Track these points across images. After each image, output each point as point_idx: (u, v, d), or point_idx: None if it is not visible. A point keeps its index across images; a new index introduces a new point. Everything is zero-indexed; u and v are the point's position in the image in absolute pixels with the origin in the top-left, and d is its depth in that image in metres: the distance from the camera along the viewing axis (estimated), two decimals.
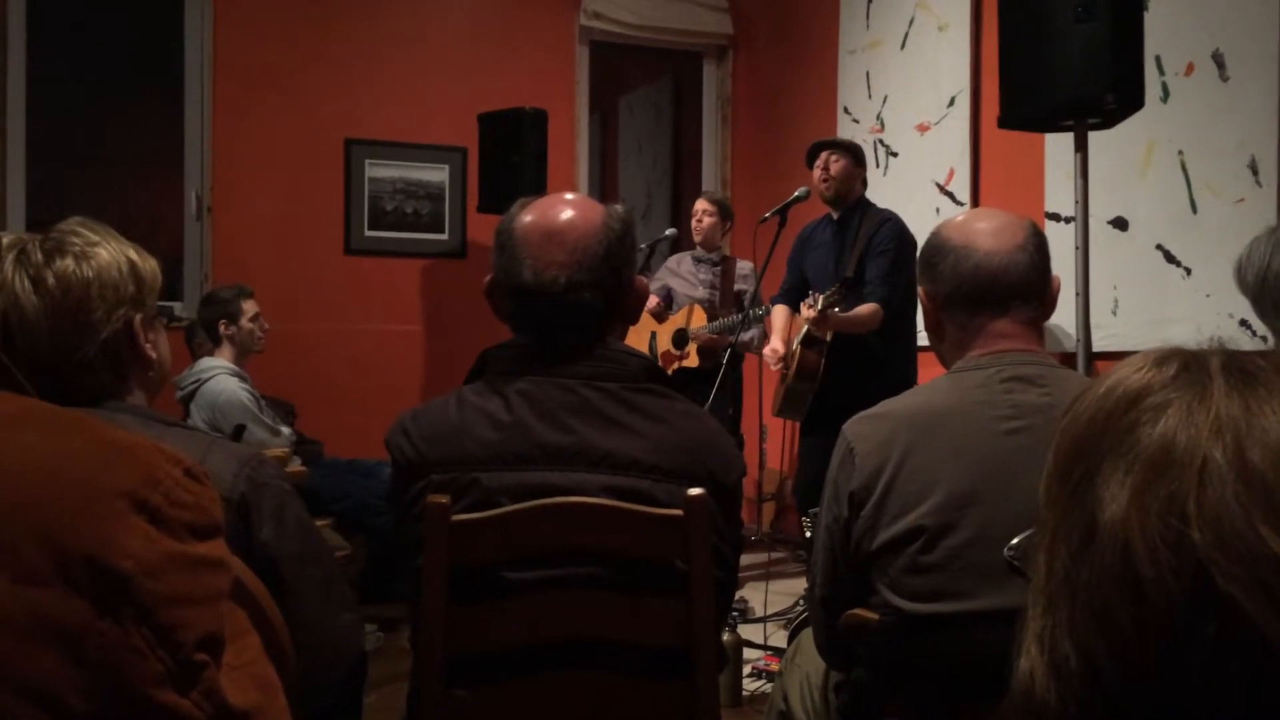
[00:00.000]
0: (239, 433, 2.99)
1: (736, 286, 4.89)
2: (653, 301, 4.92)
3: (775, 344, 4.17)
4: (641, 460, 1.46)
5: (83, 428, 0.67)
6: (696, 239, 4.95)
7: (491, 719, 1.46)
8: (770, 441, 5.69)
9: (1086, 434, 0.64)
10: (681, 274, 5.02)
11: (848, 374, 3.92)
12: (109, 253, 1.37)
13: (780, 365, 4.13)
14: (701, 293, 4.91)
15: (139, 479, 0.64)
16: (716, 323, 4.64)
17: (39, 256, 1.34)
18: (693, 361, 4.75)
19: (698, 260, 4.99)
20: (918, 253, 1.73)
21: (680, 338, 4.84)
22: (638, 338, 5.03)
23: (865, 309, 3.87)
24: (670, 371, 4.81)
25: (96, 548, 0.60)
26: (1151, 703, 0.57)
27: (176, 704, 0.62)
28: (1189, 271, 3.60)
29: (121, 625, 0.60)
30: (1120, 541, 0.59)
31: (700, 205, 4.94)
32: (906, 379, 3.99)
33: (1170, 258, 3.66)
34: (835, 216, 4.19)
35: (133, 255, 1.40)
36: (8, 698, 0.57)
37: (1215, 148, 3.50)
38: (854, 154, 4.15)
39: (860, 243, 4.02)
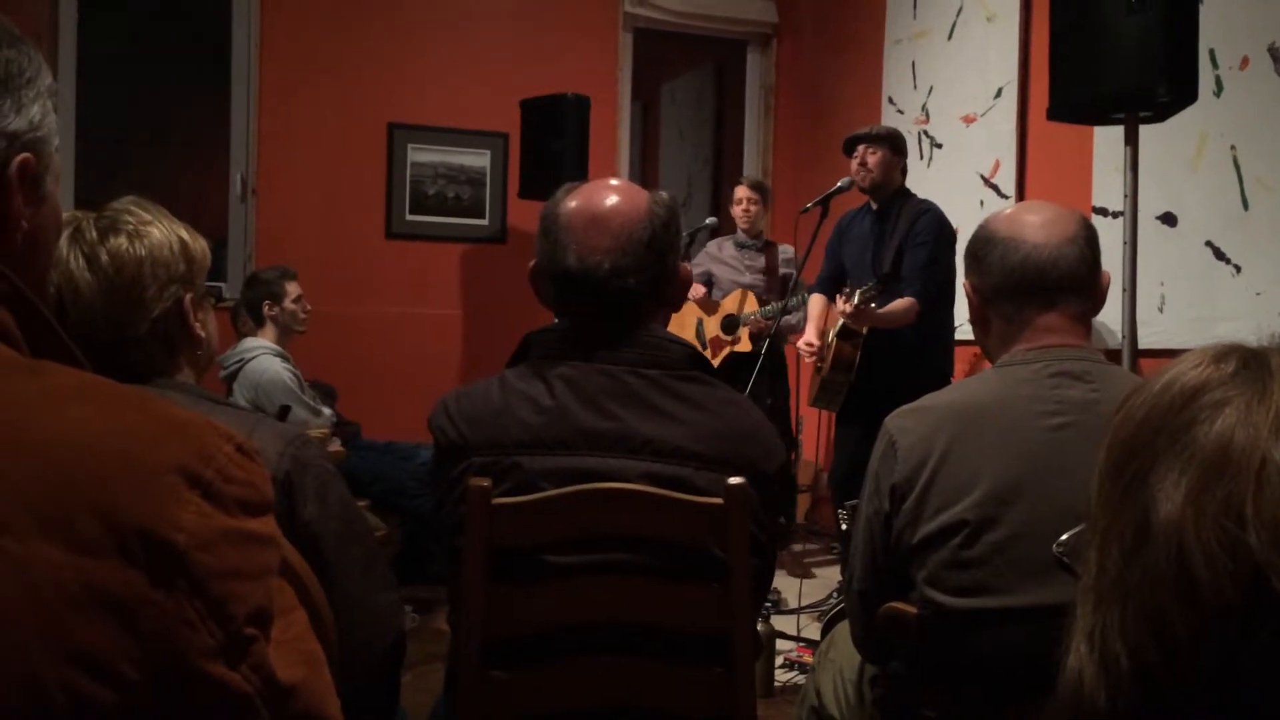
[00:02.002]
0: (284, 413, 3.02)
1: (781, 271, 4.87)
2: (698, 291, 4.91)
3: (810, 336, 4.15)
4: (683, 447, 1.46)
5: (138, 403, 0.68)
6: (743, 226, 4.93)
7: (528, 701, 1.47)
8: (805, 433, 5.67)
9: (1141, 431, 0.63)
10: (725, 260, 5.00)
11: (884, 365, 3.90)
12: (161, 232, 1.39)
13: (814, 357, 4.12)
14: (749, 278, 4.89)
15: (192, 454, 0.65)
16: (769, 307, 4.61)
17: (93, 234, 1.36)
18: (745, 347, 4.72)
19: (741, 246, 4.97)
20: (957, 244, 1.72)
21: (730, 323, 4.81)
22: (682, 325, 5.02)
23: (900, 304, 3.84)
24: (721, 357, 4.80)
25: (151, 521, 0.61)
26: (1203, 705, 0.56)
27: (226, 676, 0.62)
28: (1239, 269, 3.53)
29: (175, 597, 0.60)
30: (1174, 543, 0.58)
31: (743, 192, 4.92)
32: (942, 371, 3.96)
33: (1220, 254, 3.59)
34: (874, 207, 4.15)
35: (184, 235, 1.43)
36: (65, 668, 0.58)
37: (1269, 143, 3.43)
38: (892, 143, 4.08)
39: (898, 234, 3.98)
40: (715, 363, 4.82)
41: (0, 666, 0.57)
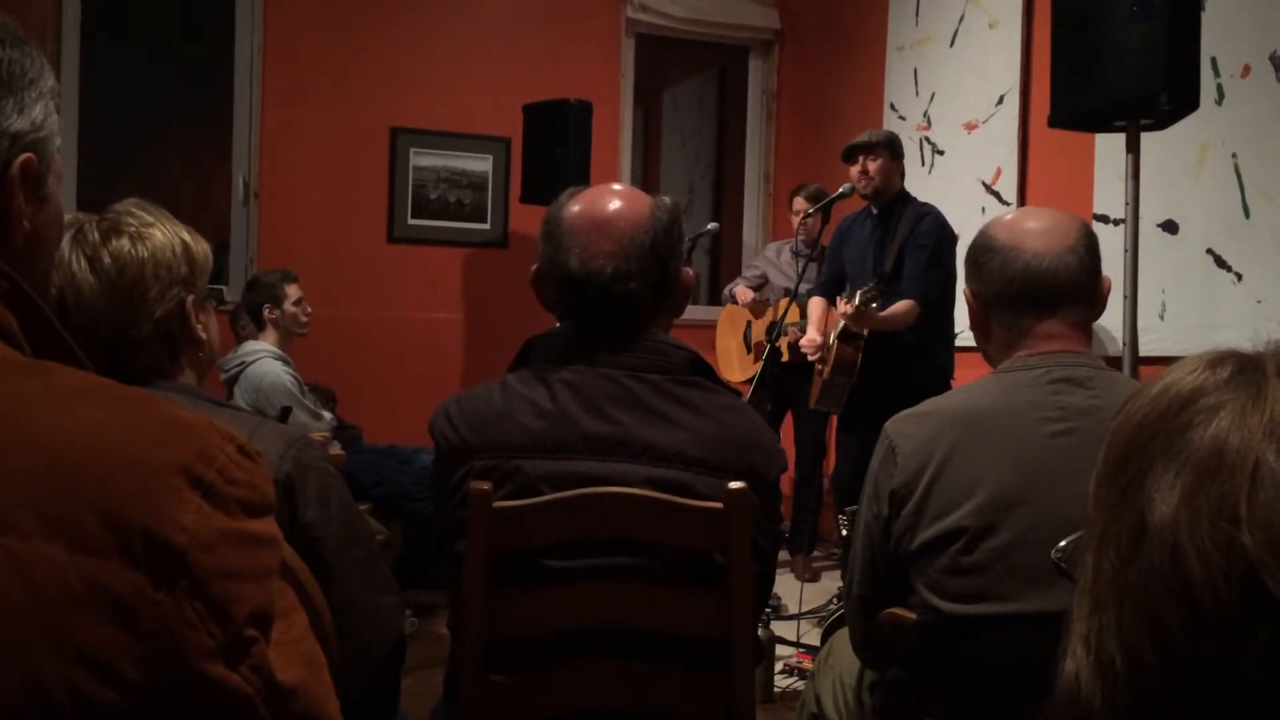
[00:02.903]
0: (285, 415, 3.03)
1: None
2: (748, 296, 4.93)
3: (812, 334, 4.17)
4: (684, 453, 1.46)
5: (140, 403, 0.68)
6: (800, 238, 4.95)
7: (528, 704, 1.47)
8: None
9: (1138, 435, 0.63)
10: (781, 266, 5.04)
11: (884, 368, 3.90)
12: (163, 234, 1.40)
13: (818, 355, 4.13)
14: (804, 287, 4.91)
15: (194, 455, 0.65)
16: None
17: (95, 236, 1.37)
18: (783, 355, 4.72)
19: (796, 254, 4.99)
20: (958, 247, 1.72)
21: (774, 329, 4.82)
22: (734, 325, 5.04)
23: (901, 306, 3.84)
24: (764, 363, 4.80)
25: (153, 521, 0.61)
26: (1199, 706, 0.57)
27: (226, 677, 0.62)
28: (1240, 277, 3.53)
29: (176, 598, 0.61)
30: (1170, 543, 0.58)
31: (801, 204, 4.93)
32: (943, 373, 3.97)
33: (1221, 262, 3.60)
34: (875, 211, 4.15)
35: (186, 237, 1.43)
36: (67, 667, 0.58)
37: (1270, 151, 3.43)
38: (890, 148, 4.08)
39: (899, 237, 3.99)
40: (757, 367, 4.83)
41: (2, 665, 0.57)
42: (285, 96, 5.26)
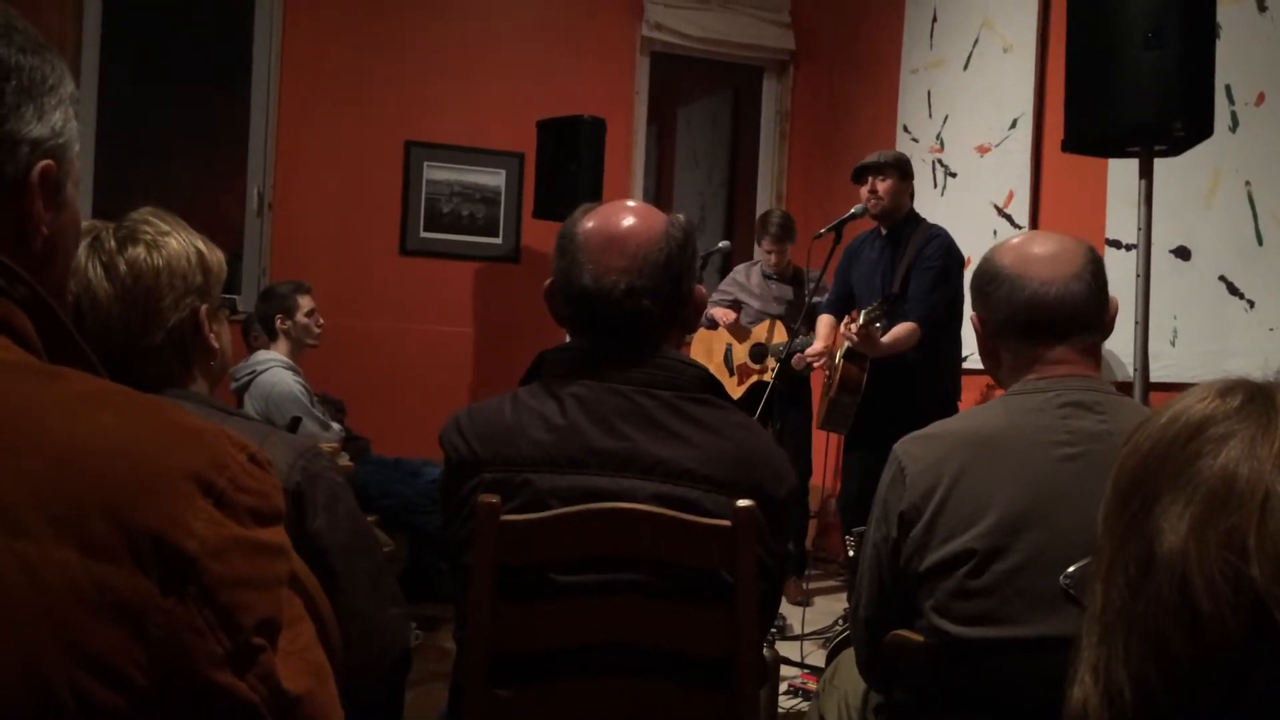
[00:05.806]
0: (295, 424, 3.03)
1: (813, 299, 4.80)
2: (730, 317, 4.91)
3: (817, 345, 4.18)
4: (693, 470, 1.46)
5: (153, 410, 0.69)
6: (769, 270, 4.93)
7: (532, 718, 1.47)
8: (813, 457, 5.65)
9: (1147, 463, 0.63)
10: (751, 289, 4.99)
11: (889, 389, 3.90)
12: (179, 243, 1.41)
13: (821, 362, 4.14)
14: (777, 309, 4.89)
15: (206, 462, 0.66)
16: (799, 340, 4.59)
17: (112, 244, 1.38)
18: (770, 377, 4.70)
19: (768, 277, 4.97)
20: (965, 271, 1.71)
21: (759, 352, 4.82)
22: (711, 349, 5.02)
23: (902, 330, 3.84)
24: (747, 385, 4.80)
25: (164, 527, 0.62)
26: None
27: (233, 685, 0.63)
28: (1252, 304, 3.53)
29: (185, 604, 0.61)
30: (1178, 574, 0.58)
31: (769, 245, 4.91)
32: (948, 394, 3.96)
33: (1233, 289, 3.59)
34: (884, 232, 4.16)
35: (201, 246, 1.44)
36: (74, 670, 0.58)
37: None
38: (899, 169, 4.09)
39: (908, 258, 4.00)
40: (741, 390, 4.83)
41: (10, 667, 0.57)
42: (302, 108, 5.29)
